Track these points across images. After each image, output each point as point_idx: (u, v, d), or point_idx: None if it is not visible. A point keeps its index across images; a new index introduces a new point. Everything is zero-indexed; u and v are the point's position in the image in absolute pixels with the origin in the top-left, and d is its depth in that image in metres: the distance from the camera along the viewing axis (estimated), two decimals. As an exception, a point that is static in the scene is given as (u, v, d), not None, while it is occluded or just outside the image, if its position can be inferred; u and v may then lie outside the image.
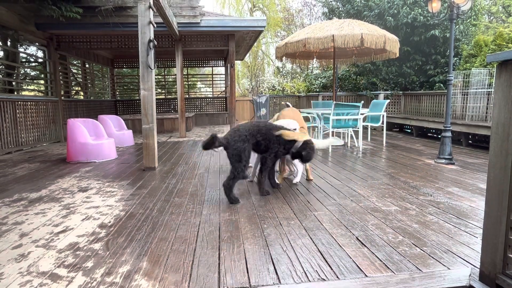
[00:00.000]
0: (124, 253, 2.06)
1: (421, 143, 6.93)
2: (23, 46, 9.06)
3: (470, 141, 6.83)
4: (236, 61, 10.12)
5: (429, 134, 8.49)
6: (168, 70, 14.31)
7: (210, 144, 2.89)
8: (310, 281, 1.73)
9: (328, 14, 12.20)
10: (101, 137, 5.70)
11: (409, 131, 9.17)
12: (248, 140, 3.06)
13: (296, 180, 3.76)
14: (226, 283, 1.73)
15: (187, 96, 13.52)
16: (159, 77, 13.80)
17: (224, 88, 13.83)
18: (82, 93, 11.41)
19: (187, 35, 8.32)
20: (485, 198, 1.65)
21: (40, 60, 10.01)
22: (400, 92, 10.00)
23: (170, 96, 13.63)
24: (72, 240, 2.27)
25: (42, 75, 9.77)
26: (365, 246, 2.12)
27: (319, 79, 13.19)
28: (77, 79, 10.94)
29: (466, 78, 6.79)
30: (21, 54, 9.33)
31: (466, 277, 1.76)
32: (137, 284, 1.73)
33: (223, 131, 9.91)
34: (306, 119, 8.60)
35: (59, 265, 1.93)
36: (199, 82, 17.17)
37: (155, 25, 4.62)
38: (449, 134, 4.77)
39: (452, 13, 4.61)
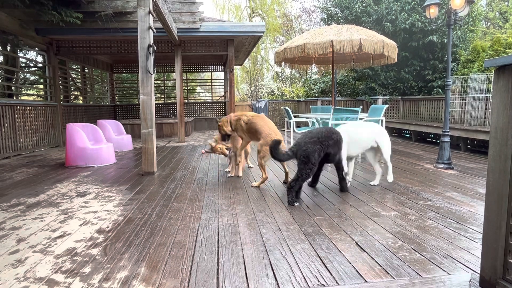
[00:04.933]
0: (122, 259, 2.05)
1: (420, 148, 6.94)
2: (23, 51, 9.07)
3: (468, 146, 6.85)
4: (235, 66, 10.17)
5: (427, 139, 8.51)
6: (167, 75, 14.35)
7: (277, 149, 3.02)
8: (309, 287, 1.72)
9: (326, 20, 12.29)
10: (100, 141, 5.69)
11: (408, 136, 9.19)
12: (321, 143, 3.07)
13: (375, 182, 3.79)
14: (225, 288, 1.71)
15: (186, 101, 13.55)
16: (159, 82, 13.83)
17: (223, 93, 13.87)
18: (81, 98, 11.41)
19: (186, 40, 8.36)
20: (484, 203, 1.65)
21: (39, 65, 10.03)
22: (399, 97, 10.04)
23: (170, 101, 13.65)
24: (70, 245, 2.26)
25: (42, 80, 9.78)
26: (365, 251, 2.11)
27: (318, 84, 13.24)
28: (77, 83, 10.95)
29: (464, 83, 6.82)
30: (20, 59, 9.35)
31: (466, 282, 1.75)
32: (135, 290, 1.71)
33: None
34: (305, 124, 8.61)
35: (56, 270, 1.91)
36: (198, 87, 17.22)
37: (154, 30, 4.64)
38: (447, 139, 4.78)
39: (450, 19, 4.65)
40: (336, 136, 3.27)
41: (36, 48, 8.23)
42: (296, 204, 3.03)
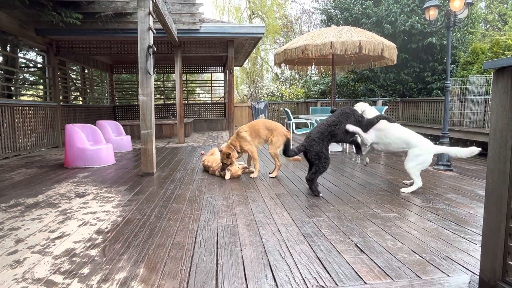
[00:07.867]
0: (121, 260, 2.04)
1: (419, 149, 6.93)
2: (23, 52, 9.06)
3: (468, 148, 6.84)
4: (235, 67, 10.17)
5: (427, 141, 8.51)
6: (167, 76, 14.35)
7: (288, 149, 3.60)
8: (308, 288, 1.72)
9: (326, 21, 12.32)
10: (99, 142, 5.68)
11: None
12: (322, 141, 3.47)
13: (408, 191, 3.52)
14: (224, 290, 1.71)
15: (186, 101, 13.56)
16: (158, 82, 13.83)
17: (223, 94, 13.88)
18: (81, 99, 11.41)
19: (186, 41, 8.37)
20: (483, 204, 1.65)
21: (39, 65, 10.02)
22: (398, 98, 10.06)
23: (169, 102, 13.65)
24: (69, 246, 2.25)
25: (41, 80, 9.77)
26: (364, 252, 2.11)
27: (317, 85, 13.27)
28: (76, 84, 10.95)
29: (463, 85, 6.83)
30: (20, 59, 9.34)
31: (465, 284, 1.75)
32: (134, 291, 1.71)
33: (221, 136, 9.92)
34: (305, 125, 8.62)
35: (54, 271, 1.91)
36: (198, 88, 17.22)
37: (154, 31, 4.64)
38: (447, 140, 4.79)
39: (449, 21, 4.66)
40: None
41: (36, 49, 8.23)
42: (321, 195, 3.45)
